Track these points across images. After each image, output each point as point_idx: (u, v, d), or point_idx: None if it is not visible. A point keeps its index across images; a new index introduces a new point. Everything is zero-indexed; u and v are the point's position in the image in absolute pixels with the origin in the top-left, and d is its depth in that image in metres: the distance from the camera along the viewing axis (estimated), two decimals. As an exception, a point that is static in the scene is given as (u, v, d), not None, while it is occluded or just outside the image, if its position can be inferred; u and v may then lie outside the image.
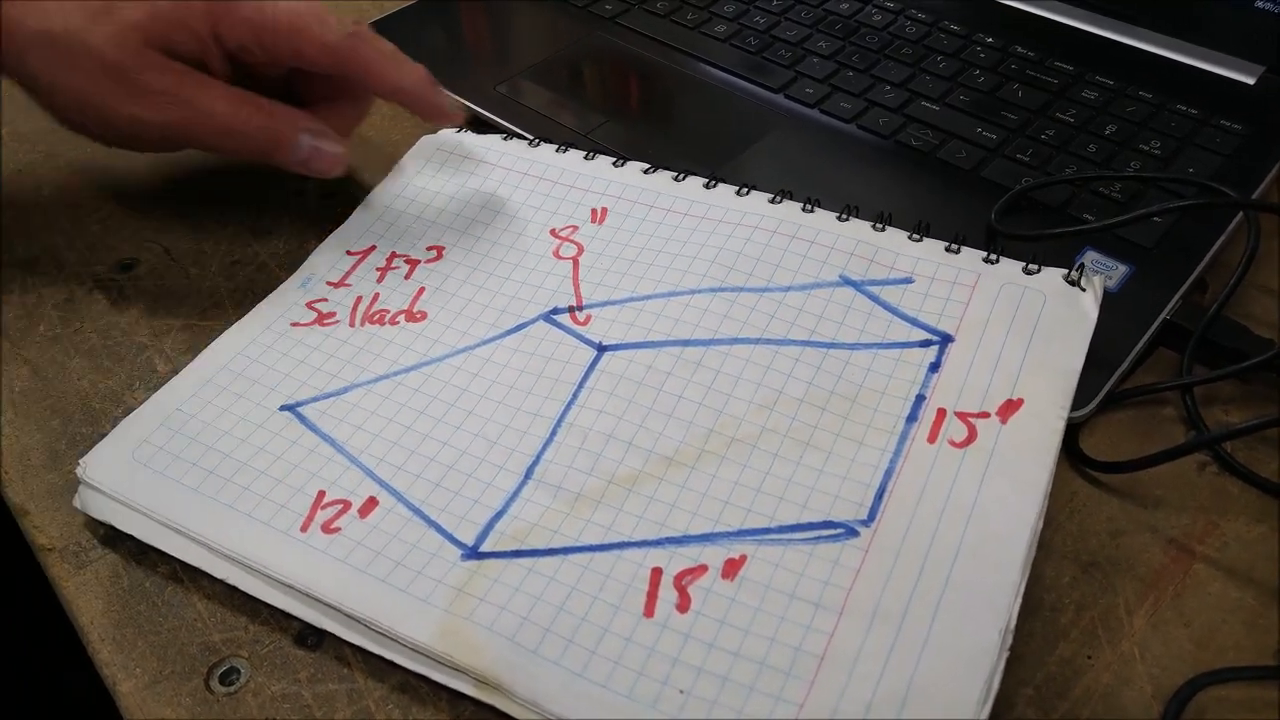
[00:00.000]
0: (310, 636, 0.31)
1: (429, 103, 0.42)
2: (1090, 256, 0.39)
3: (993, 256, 0.36)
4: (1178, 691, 0.29)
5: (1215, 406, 0.37)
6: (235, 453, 0.34)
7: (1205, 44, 0.49)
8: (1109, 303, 0.35)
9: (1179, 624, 0.31)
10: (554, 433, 0.34)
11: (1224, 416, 0.36)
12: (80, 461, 0.34)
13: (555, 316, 0.37)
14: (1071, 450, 0.35)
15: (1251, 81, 0.47)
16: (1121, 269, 0.39)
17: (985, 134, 0.45)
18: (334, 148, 0.40)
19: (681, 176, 0.42)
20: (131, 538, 0.33)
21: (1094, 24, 0.51)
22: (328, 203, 0.46)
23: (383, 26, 0.55)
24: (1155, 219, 0.40)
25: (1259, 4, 0.47)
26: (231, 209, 0.46)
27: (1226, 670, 0.29)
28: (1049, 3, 0.53)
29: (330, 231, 0.43)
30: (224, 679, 0.30)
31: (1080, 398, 0.33)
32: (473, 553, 0.31)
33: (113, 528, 0.33)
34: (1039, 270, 0.36)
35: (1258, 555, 0.32)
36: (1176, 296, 0.38)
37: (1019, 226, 0.40)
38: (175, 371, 0.37)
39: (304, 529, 0.31)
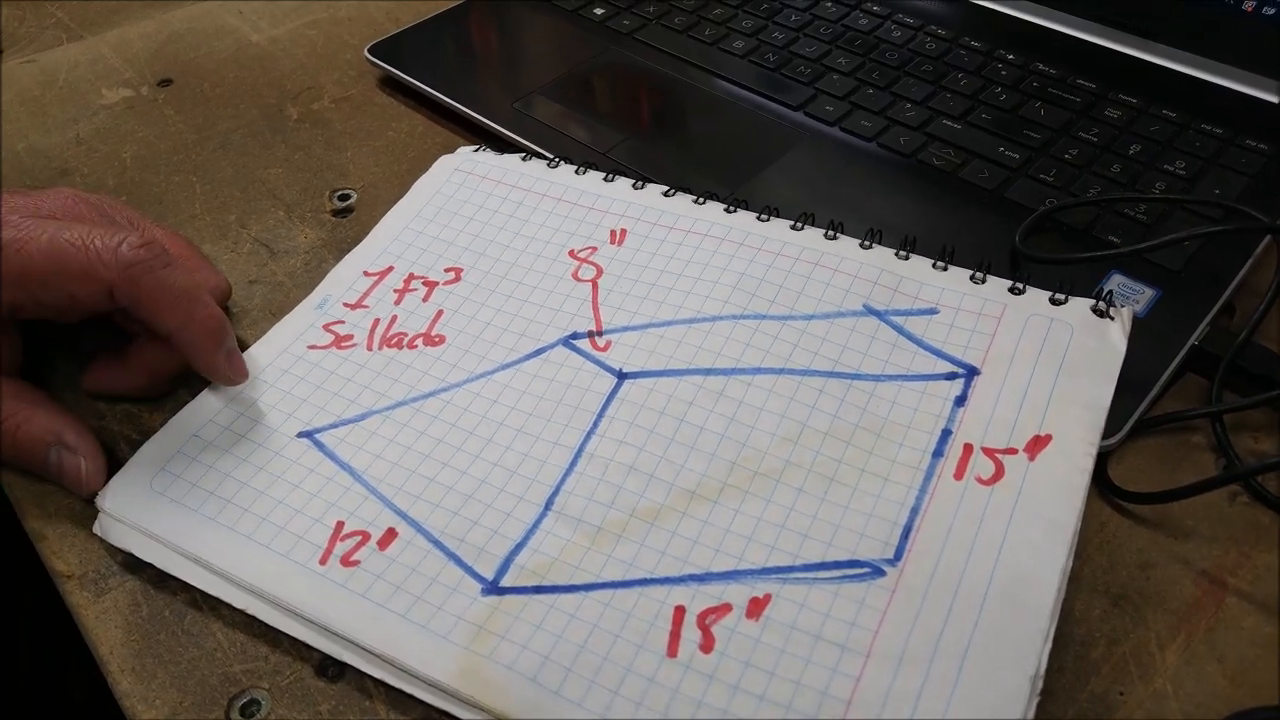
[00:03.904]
0: (331, 667, 0.31)
1: (205, 361, 0.35)
2: (1117, 280, 0.39)
3: (1019, 286, 0.36)
4: (1212, 731, 0.28)
5: (1245, 433, 0.36)
6: (253, 481, 0.34)
7: (1228, 61, 0.48)
8: (1136, 327, 0.35)
9: (1212, 659, 0.30)
10: (574, 463, 0.33)
11: (1254, 444, 0.36)
12: (99, 494, 0.34)
13: (575, 341, 0.37)
14: (1101, 480, 0.34)
15: (1276, 100, 0.47)
16: (1149, 293, 0.38)
17: (1008, 153, 0.45)
18: (81, 463, 0.34)
19: (702, 200, 0.41)
20: (151, 564, 0.32)
21: (1116, 41, 0.51)
22: (344, 222, 0.46)
23: (397, 43, 0.54)
24: (1184, 243, 0.39)
25: (1287, 21, 0.46)
26: (248, 227, 0.46)
27: (1262, 709, 0.29)
28: (1070, 19, 0.52)
29: (346, 249, 0.43)
30: (244, 711, 0.30)
31: (1109, 426, 0.33)
32: (493, 588, 0.30)
33: (132, 554, 0.33)
34: (1066, 301, 0.35)
35: (1291, 589, 0.32)
36: (1205, 322, 0.37)
37: (1044, 248, 0.40)
38: (192, 394, 0.37)
39: (323, 562, 0.31)
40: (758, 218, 0.40)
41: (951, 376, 0.34)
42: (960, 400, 0.33)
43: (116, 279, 0.32)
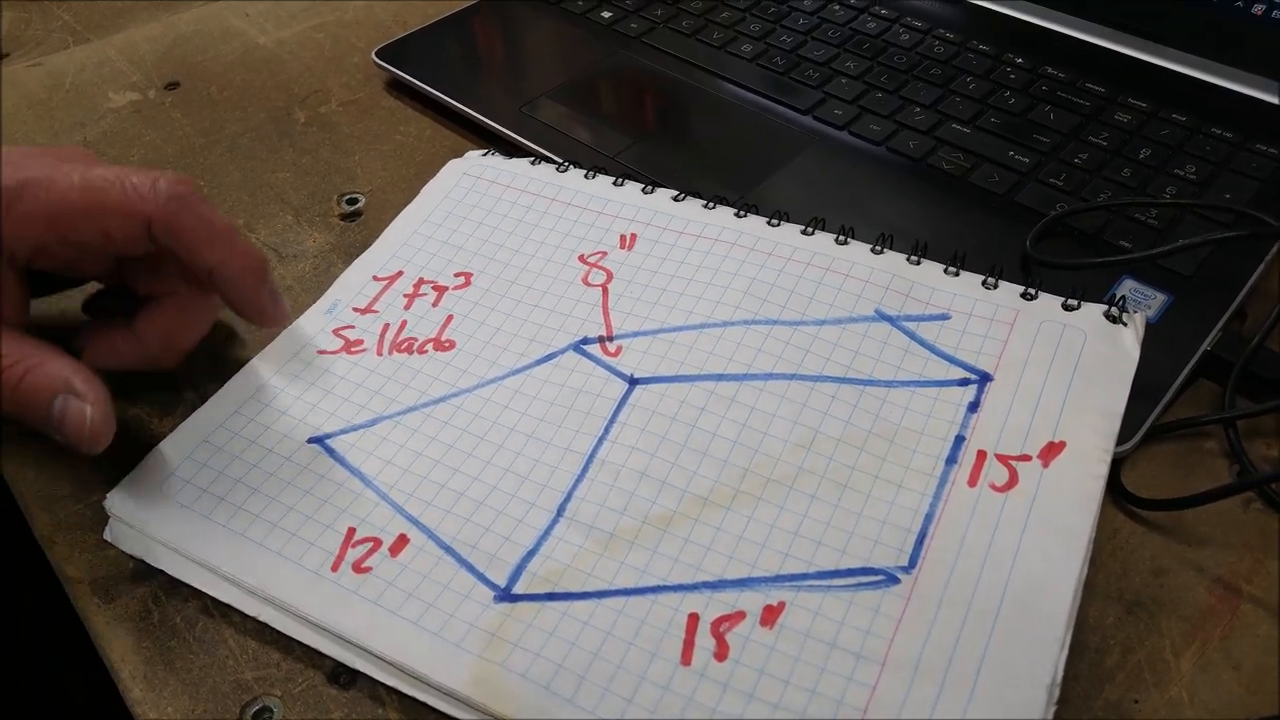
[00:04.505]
0: (344, 674, 0.31)
1: (248, 298, 0.34)
2: (1129, 285, 0.39)
3: (1031, 292, 0.36)
4: (1228, 739, 0.28)
5: (1258, 439, 0.36)
6: (264, 487, 0.34)
7: (1238, 65, 0.48)
8: (1149, 333, 0.35)
9: (1227, 666, 0.30)
10: (585, 469, 0.33)
11: (1267, 450, 0.36)
12: (108, 495, 0.34)
13: (585, 347, 0.37)
14: (1114, 486, 0.34)
15: (1288, 104, 0.47)
16: (1160, 298, 0.38)
17: (1018, 157, 0.45)
18: (86, 410, 0.31)
19: (712, 204, 0.41)
20: (162, 570, 0.32)
21: (1125, 44, 0.51)
22: (353, 226, 0.46)
23: (404, 46, 0.54)
24: (1196, 248, 0.39)
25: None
26: (256, 231, 0.46)
27: (1276, 719, 0.29)
28: (1079, 23, 0.52)
29: (354, 253, 0.43)
30: (257, 718, 0.30)
31: (1123, 432, 0.32)
32: (505, 595, 0.30)
33: (143, 561, 0.33)
34: (1078, 306, 0.35)
35: (1306, 596, 0.32)
36: (1217, 327, 0.37)
37: (1054, 253, 0.39)
38: (201, 398, 0.37)
39: (335, 568, 0.31)
40: (768, 222, 0.40)
41: (964, 382, 0.34)
42: (974, 406, 0.33)
43: (157, 212, 0.31)
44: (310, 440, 0.35)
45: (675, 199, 0.42)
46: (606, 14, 0.56)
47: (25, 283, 0.33)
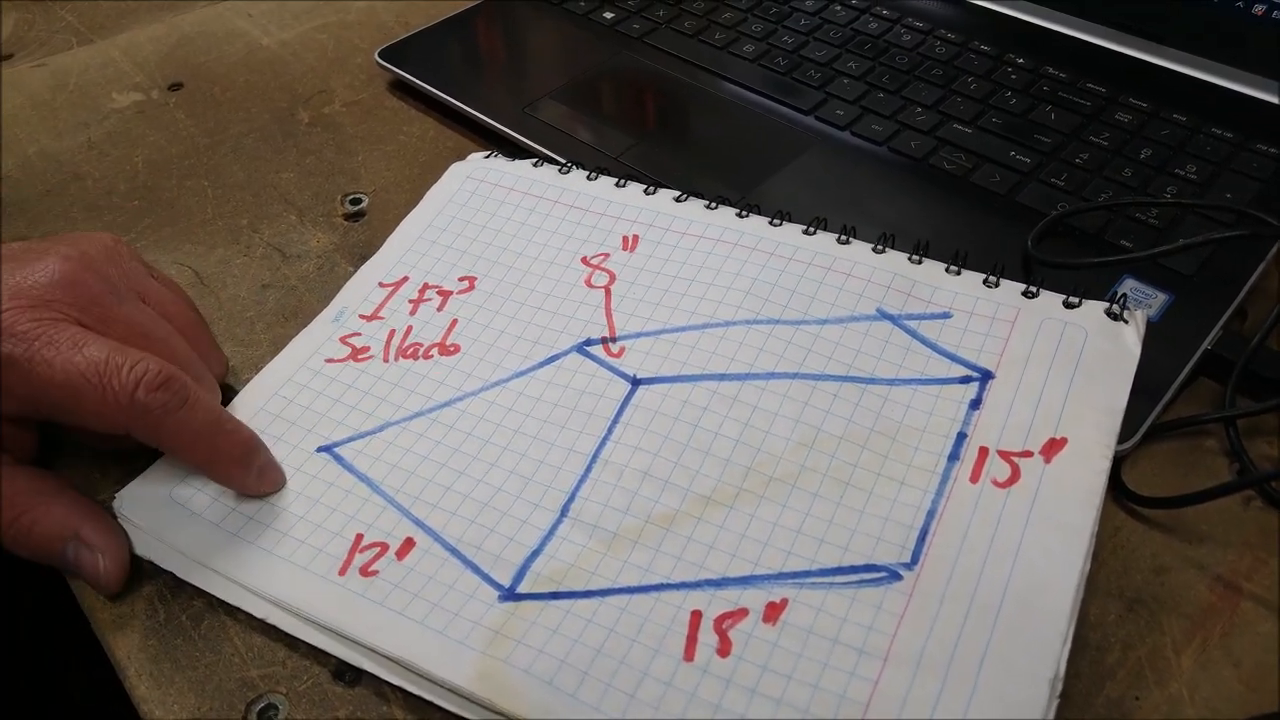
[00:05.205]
0: (348, 672, 0.31)
1: (236, 486, 0.34)
2: (1130, 285, 0.39)
3: (1032, 290, 0.36)
4: (1229, 736, 0.28)
5: (1258, 438, 0.36)
6: (273, 497, 0.34)
7: (1239, 65, 0.48)
8: (1149, 332, 0.35)
9: (1228, 664, 0.30)
10: (589, 469, 0.33)
11: (1268, 449, 0.36)
12: (116, 496, 0.34)
13: (588, 348, 0.37)
14: (1115, 484, 0.34)
15: (1288, 103, 0.47)
16: (1161, 297, 0.38)
17: (1019, 157, 0.45)
18: (100, 561, 0.32)
19: (714, 205, 0.41)
20: (169, 570, 0.33)
21: (1126, 45, 0.51)
22: (356, 226, 0.46)
23: (407, 46, 0.55)
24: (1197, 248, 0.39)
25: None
26: (260, 231, 0.46)
27: (1278, 715, 0.29)
28: (1080, 23, 0.52)
29: (358, 253, 0.43)
30: (262, 715, 0.30)
31: (1124, 430, 0.33)
32: (510, 594, 0.30)
33: (150, 560, 0.33)
34: (1080, 304, 0.35)
35: (1306, 594, 0.32)
36: (1218, 326, 0.37)
37: (1055, 253, 0.40)
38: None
39: (342, 572, 0.31)
40: (770, 222, 0.40)
41: (966, 380, 0.34)
42: (975, 404, 0.33)
43: (133, 424, 0.31)
44: (319, 450, 0.35)
45: (677, 200, 0.42)
46: (609, 15, 0.56)
47: (24, 427, 0.33)
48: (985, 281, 0.37)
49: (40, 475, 0.33)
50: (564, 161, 0.45)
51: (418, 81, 0.52)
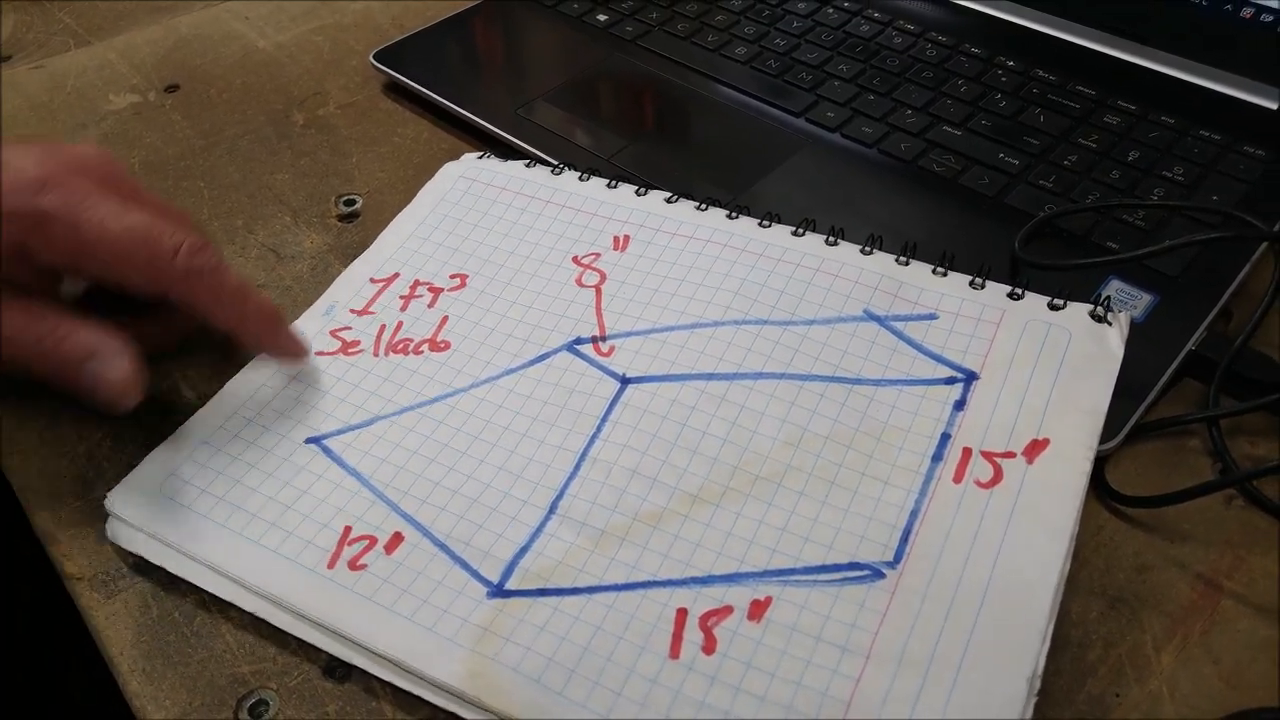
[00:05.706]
0: (339, 668, 0.31)
1: (266, 350, 0.37)
2: (1115, 286, 0.39)
3: (1018, 292, 0.36)
4: (1208, 732, 0.29)
5: (1241, 438, 0.36)
6: (262, 487, 0.34)
7: (1227, 67, 0.48)
8: (1134, 332, 0.35)
9: (1208, 661, 0.31)
10: (578, 467, 0.34)
11: (1250, 449, 0.36)
12: (109, 494, 0.34)
13: (578, 347, 0.38)
14: (1098, 483, 0.34)
15: (1274, 106, 0.47)
16: (1146, 298, 0.39)
17: (1007, 159, 0.45)
18: (117, 371, 0.34)
19: (704, 206, 0.42)
20: (161, 567, 0.33)
21: (1115, 47, 0.51)
22: (350, 227, 0.46)
23: (402, 49, 0.55)
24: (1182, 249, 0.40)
25: (1284, 28, 0.47)
26: (254, 232, 0.46)
27: (1258, 711, 0.29)
28: (1069, 25, 0.53)
29: (352, 254, 0.43)
30: (253, 711, 0.31)
31: (1107, 430, 0.33)
32: (498, 591, 0.31)
33: (142, 557, 0.33)
34: (1064, 306, 0.35)
35: (1286, 592, 0.32)
36: (1202, 327, 0.38)
37: (1043, 254, 0.40)
38: (201, 400, 0.37)
39: (330, 565, 0.32)
40: (759, 224, 0.40)
41: (951, 381, 0.34)
42: (959, 404, 0.33)
43: (175, 285, 0.34)
44: (308, 441, 0.35)
45: (668, 201, 0.42)
46: (602, 17, 0.57)
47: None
48: (971, 283, 0.37)
49: (64, 307, 0.35)
50: (556, 163, 0.45)
51: (412, 83, 0.52)
